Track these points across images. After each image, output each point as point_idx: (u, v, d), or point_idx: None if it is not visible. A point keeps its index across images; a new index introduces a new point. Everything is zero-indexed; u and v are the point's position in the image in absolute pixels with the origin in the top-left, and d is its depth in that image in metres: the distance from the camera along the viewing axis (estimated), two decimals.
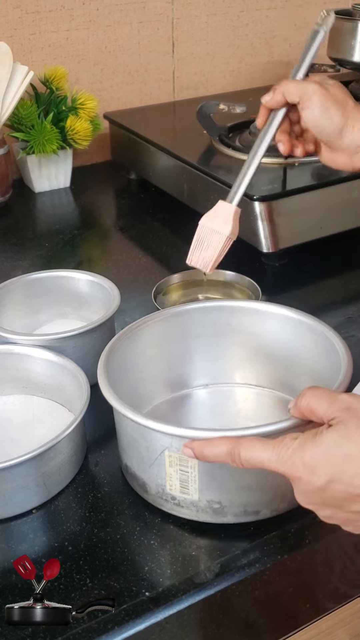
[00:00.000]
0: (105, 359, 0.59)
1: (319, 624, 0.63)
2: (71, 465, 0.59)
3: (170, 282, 0.82)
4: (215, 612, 0.52)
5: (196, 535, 0.54)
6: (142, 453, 0.54)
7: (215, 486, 0.52)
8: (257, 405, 0.67)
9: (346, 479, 0.42)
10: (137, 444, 0.54)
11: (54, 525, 0.56)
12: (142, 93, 1.29)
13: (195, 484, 0.52)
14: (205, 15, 1.29)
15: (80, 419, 0.58)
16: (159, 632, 0.49)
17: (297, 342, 0.64)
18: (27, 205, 1.14)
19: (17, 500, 0.56)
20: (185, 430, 0.50)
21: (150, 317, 0.65)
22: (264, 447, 0.45)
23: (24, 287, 0.76)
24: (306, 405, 0.47)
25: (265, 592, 0.54)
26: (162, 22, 1.25)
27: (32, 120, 1.09)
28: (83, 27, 1.18)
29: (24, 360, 0.66)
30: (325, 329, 0.61)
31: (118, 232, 1.07)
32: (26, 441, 0.61)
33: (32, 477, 0.56)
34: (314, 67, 1.27)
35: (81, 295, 0.77)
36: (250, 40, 1.36)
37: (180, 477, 0.53)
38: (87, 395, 0.60)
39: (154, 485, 0.55)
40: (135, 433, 0.54)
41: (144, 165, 1.13)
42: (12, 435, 0.64)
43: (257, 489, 0.53)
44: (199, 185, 0.98)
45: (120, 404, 0.54)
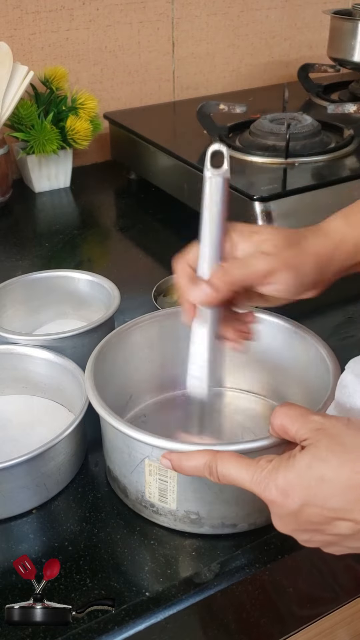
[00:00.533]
0: (93, 360, 0.58)
1: (319, 623, 0.63)
2: (71, 465, 0.59)
3: (170, 283, 0.82)
4: (216, 612, 0.52)
5: (196, 536, 0.54)
6: (124, 459, 0.54)
7: (194, 497, 0.52)
8: (246, 411, 0.67)
9: (319, 502, 0.41)
10: (120, 450, 0.55)
11: (54, 525, 0.56)
12: (142, 93, 1.29)
13: (174, 494, 0.52)
14: (205, 15, 1.29)
15: (80, 419, 0.58)
16: (159, 632, 0.49)
17: (289, 350, 0.64)
18: (27, 205, 1.14)
19: (17, 500, 0.56)
20: (165, 441, 0.50)
21: (142, 318, 0.65)
22: (240, 465, 0.45)
23: (24, 287, 0.76)
24: (279, 424, 0.46)
25: (265, 592, 0.54)
26: (162, 22, 1.25)
27: (32, 120, 1.09)
28: (83, 27, 1.18)
29: (24, 360, 0.66)
30: (316, 340, 0.60)
31: (118, 232, 1.07)
32: (26, 441, 0.61)
33: (32, 477, 0.55)
34: (313, 67, 1.28)
35: (81, 295, 0.77)
36: (250, 40, 1.36)
37: (159, 486, 0.53)
38: (87, 395, 0.60)
39: (134, 490, 0.55)
40: (117, 439, 0.55)
41: (144, 165, 1.13)
42: (11, 436, 0.63)
43: (235, 503, 0.52)
44: (199, 185, 0.96)
45: (103, 409, 0.53)
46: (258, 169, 0.95)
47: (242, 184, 0.90)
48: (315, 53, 1.44)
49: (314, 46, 1.44)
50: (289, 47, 1.42)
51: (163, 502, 0.53)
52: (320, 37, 1.42)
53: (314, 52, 1.44)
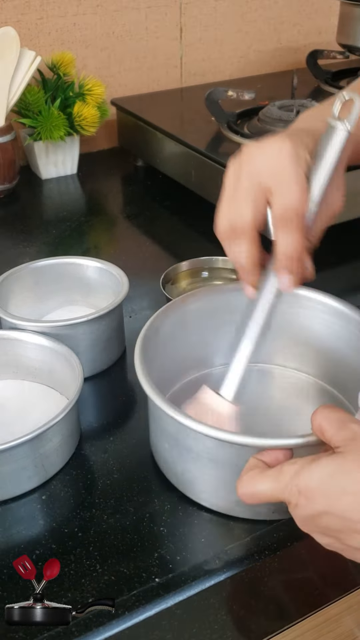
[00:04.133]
0: (142, 340, 0.58)
1: (327, 610, 0.64)
2: (68, 446, 0.60)
3: (179, 270, 0.82)
4: (225, 598, 0.52)
5: (206, 522, 0.54)
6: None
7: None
8: (292, 390, 0.67)
9: (339, 512, 0.41)
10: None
11: (56, 506, 0.56)
12: (150, 79, 1.28)
13: None
14: (213, 0, 1.28)
15: (75, 400, 0.58)
16: (169, 617, 0.49)
17: (341, 333, 0.63)
18: (34, 192, 1.14)
19: (17, 481, 0.56)
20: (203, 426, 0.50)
21: (191, 294, 0.64)
22: (264, 479, 0.45)
23: (32, 274, 0.76)
24: (318, 425, 0.46)
25: (275, 579, 0.54)
26: (170, 7, 1.24)
27: (39, 106, 1.09)
28: (90, 12, 1.17)
29: (15, 345, 0.66)
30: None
31: (125, 220, 1.07)
32: (20, 425, 0.62)
33: (32, 458, 0.56)
34: (322, 53, 1.27)
35: (90, 282, 0.77)
36: (258, 26, 1.35)
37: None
38: (81, 377, 0.60)
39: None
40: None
41: (151, 152, 1.12)
42: (5, 420, 0.64)
43: None
44: (206, 172, 0.97)
45: (166, 405, 0.51)
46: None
47: None
48: (324, 39, 1.42)
49: (323, 32, 1.43)
50: (298, 33, 1.41)
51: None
52: (330, 24, 1.40)
53: (322, 38, 1.43)
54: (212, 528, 0.54)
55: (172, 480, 0.57)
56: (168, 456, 0.57)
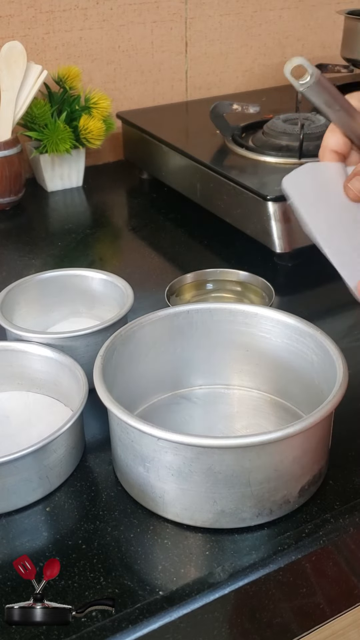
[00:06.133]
0: (102, 360, 0.58)
1: (332, 624, 0.63)
2: (72, 457, 0.60)
3: (183, 282, 0.82)
4: (229, 612, 0.52)
5: (210, 535, 0.54)
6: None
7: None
8: (252, 409, 0.67)
9: None
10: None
11: (60, 518, 0.56)
12: (155, 93, 1.29)
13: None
14: (218, 15, 1.29)
15: (80, 411, 0.58)
16: (173, 631, 0.49)
17: (296, 348, 0.63)
18: (40, 205, 1.14)
19: (21, 493, 0.56)
20: (173, 435, 0.51)
21: (147, 317, 0.64)
22: None
23: (37, 285, 0.76)
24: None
25: (279, 592, 0.53)
26: (176, 21, 1.25)
27: (46, 119, 1.09)
28: (97, 26, 1.19)
29: (19, 356, 0.66)
30: (324, 338, 0.60)
31: (130, 232, 1.07)
32: (24, 436, 0.62)
33: (36, 470, 0.56)
34: (327, 67, 1.28)
35: (95, 294, 0.77)
36: (263, 40, 1.36)
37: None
38: (85, 388, 0.60)
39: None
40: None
41: (156, 165, 1.13)
42: (9, 432, 0.64)
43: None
44: (211, 185, 0.97)
45: (114, 404, 0.53)
46: (271, 169, 0.95)
47: (255, 184, 0.90)
48: (328, 53, 1.43)
49: (327, 46, 1.44)
50: (302, 47, 1.41)
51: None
52: (334, 38, 1.41)
53: (327, 52, 1.44)
54: (216, 541, 0.54)
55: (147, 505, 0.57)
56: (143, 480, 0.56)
